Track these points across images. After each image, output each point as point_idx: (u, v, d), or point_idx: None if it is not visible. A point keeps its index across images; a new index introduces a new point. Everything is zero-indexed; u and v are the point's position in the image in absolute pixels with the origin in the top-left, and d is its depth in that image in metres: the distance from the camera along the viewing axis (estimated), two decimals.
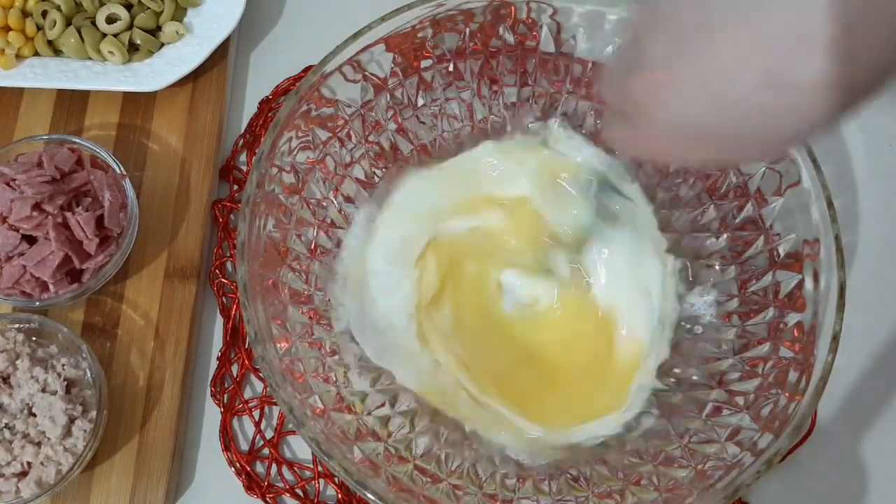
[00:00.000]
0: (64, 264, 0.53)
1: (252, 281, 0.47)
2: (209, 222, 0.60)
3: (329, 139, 0.54)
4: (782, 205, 0.50)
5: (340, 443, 0.46)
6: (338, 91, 0.52)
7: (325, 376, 0.50)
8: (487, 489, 0.48)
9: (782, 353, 0.47)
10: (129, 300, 0.57)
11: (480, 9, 0.53)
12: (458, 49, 0.55)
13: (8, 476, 0.50)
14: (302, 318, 0.51)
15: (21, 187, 0.53)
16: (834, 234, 0.46)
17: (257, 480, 0.54)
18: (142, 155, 0.60)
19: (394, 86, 0.55)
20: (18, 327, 0.53)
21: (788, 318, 0.48)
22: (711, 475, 0.44)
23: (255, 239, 0.48)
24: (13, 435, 0.50)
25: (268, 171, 0.49)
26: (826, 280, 0.46)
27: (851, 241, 0.58)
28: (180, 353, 0.56)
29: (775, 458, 0.43)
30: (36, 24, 0.61)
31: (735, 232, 0.52)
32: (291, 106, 0.50)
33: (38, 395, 0.51)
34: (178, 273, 0.57)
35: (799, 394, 0.44)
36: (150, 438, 0.54)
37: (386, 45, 0.52)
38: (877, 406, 0.56)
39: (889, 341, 0.56)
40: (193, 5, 0.62)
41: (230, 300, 0.58)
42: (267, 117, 0.63)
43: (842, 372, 0.54)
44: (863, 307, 0.52)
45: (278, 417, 0.56)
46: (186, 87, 0.62)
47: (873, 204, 0.60)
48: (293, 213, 0.52)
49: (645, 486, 0.47)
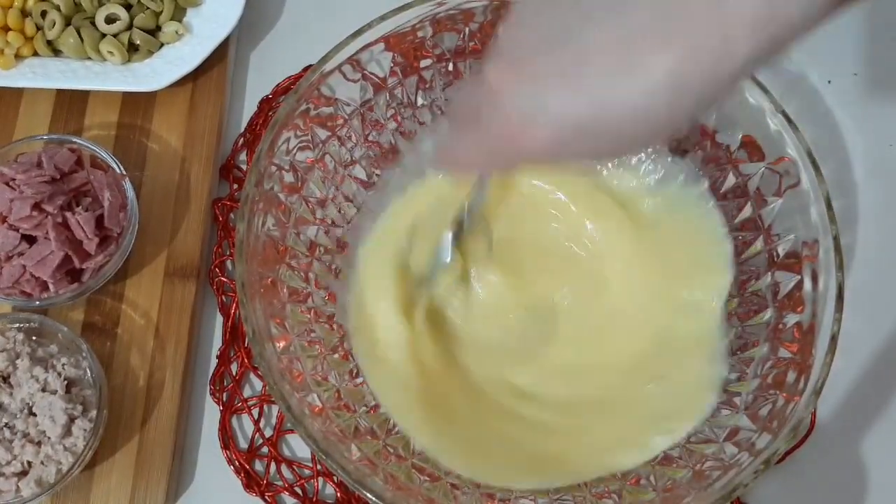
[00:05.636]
0: (64, 264, 0.53)
1: (250, 279, 0.47)
2: (209, 221, 0.60)
3: (328, 138, 0.54)
4: (781, 205, 0.50)
5: (338, 441, 0.46)
6: (337, 90, 0.52)
7: (323, 375, 0.50)
8: (484, 488, 0.48)
9: (781, 354, 0.47)
10: (128, 299, 0.57)
11: (480, 8, 0.53)
12: (457, 48, 0.55)
13: (8, 475, 0.50)
14: (301, 316, 0.51)
15: (21, 187, 0.53)
16: (833, 234, 0.46)
17: (256, 479, 0.54)
18: (141, 154, 0.60)
19: (393, 85, 0.55)
20: (18, 327, 0.53)
21: (787, 318, 0.48)
22: (709, 475, 0.45)
23: (254, 237, 0.48)
24: (13, 434, 0.50)
25: (267, 170, 0.49)
26: (825, 281, 0.46)
27: (850, 242, 0.58)
28: (180, 353, 0.56)
29: (773, 458, 0.43)
30: (35, 24, 0.61)
31: (734, 233, 0.52)
32: (291, 105, 0.50)
33: (38, 394, 0.51)
34: (178, 272, 0.58)
35: (797, 394, 0.44)
36: (150, 438, 0.54)
37: (385, 44, 0.52)
38: (876, 406, 0.55)
39: (888, 341, 0.56)
40: (193, 5, 0.62)
41: (230, 299, 0.58)
42: (267, 116, 0.63)
43: (841, 372, 0.54)
44: (862, 308, 0.52)
45: (277, 416, 0.56)
46: (186, 87, 0.62)
47: (872, 205, 0.60)
48: (292, 211, 0.52)
49: (643, 486, 0.47)
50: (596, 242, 0.55)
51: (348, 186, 0.55)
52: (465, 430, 0.50)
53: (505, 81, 0.33)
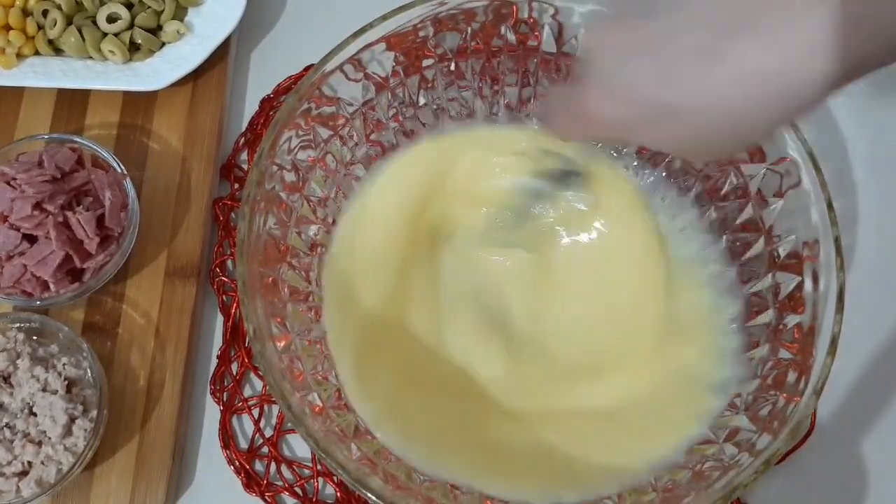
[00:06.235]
0: (65, 263, 0.53)
1: (251, 278, 0.47)
2: (210, 221, 0.60)
3: (330, 137, 0.54)
4: (782, 206, 0.50)
5: (338, 441, 0.46)
6: (339, 89, 0.52)
7: (323, 374, 0.50)
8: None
9: (781, 355, 0.47)
10: (129, 299, 0.57)
11: (482, 8, 0.53)
12: (459, 48, 0.55)
13: (8, 475, 0.50)
14: (301, 315, 0.51)
15: (22, 186, 0.53)
16: (834, 235, 0.46)
17: (256, 479, 0.54)
18: (142, 154, 0.60)
19: (395, 85, 0.55)
20: (19, 326, 0.53)
21: (788, 319, 0.48)
22: (709, 476, 0.45)
23: (255, 237, 0.48)
24: (14, 434, 0.50)
25: (268, 169, 0.49)
26: (825, 281, 0.46)
27: (851, 243, 0.58)
28: (180, 353, 0.56)
29: (773, 458, 0.43)
30: (37, 23, 0.61)
31: (735, 233, 0.52)
32: (292, 104, 0.50)
33: (38, 394, 0.51)
34: (179, 272, 0.58)
35: (797, 395, 0.44)
36: (151, 438, 0.54)
37: (387, 43, 0.52)
38: (876, 407, 0.56)
39: (888, 342, 0.56)
40: (194, 4, 0.62)
41: (230, 298, 0.58)
42: (268, 116, 0.63)
43: (841, 373, 0.54)
44: (862, 308, 0.52)
45: (277, 416, 0.56)
46: (187, 87, 0.62)
47: (873, 205, 0.60)
48: (294, 210, 0.52)
49: (642, 486, 0.47)
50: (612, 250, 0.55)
51: (350, 185, 0.55)
52: (465, 432, 0.50)
53: (596, 40, 0.32)
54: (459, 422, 0.50)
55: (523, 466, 0.49)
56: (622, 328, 0.53)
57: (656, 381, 0.51)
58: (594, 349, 0.53)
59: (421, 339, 0.53)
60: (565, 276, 0.54)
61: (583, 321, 0.54)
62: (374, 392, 0.50)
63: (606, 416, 0.50)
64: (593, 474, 0.48)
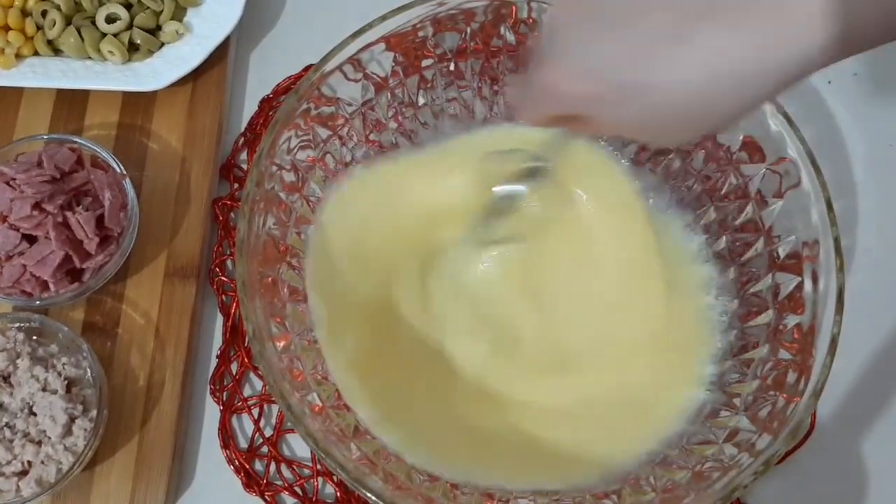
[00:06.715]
0: (64, 263, 0.53)
1: (251, 278, 0.47)
2: (209, 221, 0.60)
3: (329, 137, 0.54)
4: (782, 207, 0.49)
5: (338, 440, 0.46)
6: (338, 90, 0.52)
7: (323, 374, 0.50)
8: (483, 488, 0.48)
9: (781, 355, 0.47)
10: (129, 299, 0.57)
11: (481, 8, 0.53)
12: (458, 48, 0.55)
13: (8, 475, 0.50)
14: (301, 315, 0.51)
15: (21, 187, 0.53)
16: (833, 236, 0.46)
17: (256, 478, 0.54)
18: (142, 154, 0.60)
19: (394, 85, 0.55)
20: (19, 326, 0.53)
21: (788, 319, 0.48)
22: (709, 476, 0.44)
23: (255, 236, 0.48)
24: (14, 434, 0.50)
25: (268, 169, 0.49)
26: (825, 282, 0.46)
27: (850, 243, 0.58)
28: (180, 353, 0.56)
29: (773, 459, 0.43)
30: (35, 23, 0.61)
31: (735, 234, 0.52)
32: (291, 104, 0.50)
33: (38, 394, 0.51)
34: (178, 272, 0.58)
35: (797, 395, 0.44)
36: (151, 437, 0.54)
37: (386, 43, 0.52)
38: (876, 407, 0.56)
39: (888, 342, 0.56)
40: (193, 5, 0.62)
41: (230, 298, 0.58)
42: (268, 116, 0.63)
43: (841, 373, 0.54)
44: (862, 308, 0.52)
45: (277, 415, 0.56)
46: (186, 87, 0.62)
47: (873, 206, 0.60)
48: (293, 210, 0.52)
49: (642, 486, 0.47)
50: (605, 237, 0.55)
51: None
52: (463, 429, 0.51)
53: (561, 17, 0.32)
54: (452, 416, 0.51)
55: (517, 459, 0.49)
56: (622, 328, 0.53)
57: (652, 378, 0.51)
58: (593, 348, 0.53)
59: (413, 337, 0.53)
60: (563, 275, 0.55)
61: (581, 320, 0.54)
62: (373, 393, 0.50)
63: (597, 409, 0.51)
64: (582, 464, 0.48)
